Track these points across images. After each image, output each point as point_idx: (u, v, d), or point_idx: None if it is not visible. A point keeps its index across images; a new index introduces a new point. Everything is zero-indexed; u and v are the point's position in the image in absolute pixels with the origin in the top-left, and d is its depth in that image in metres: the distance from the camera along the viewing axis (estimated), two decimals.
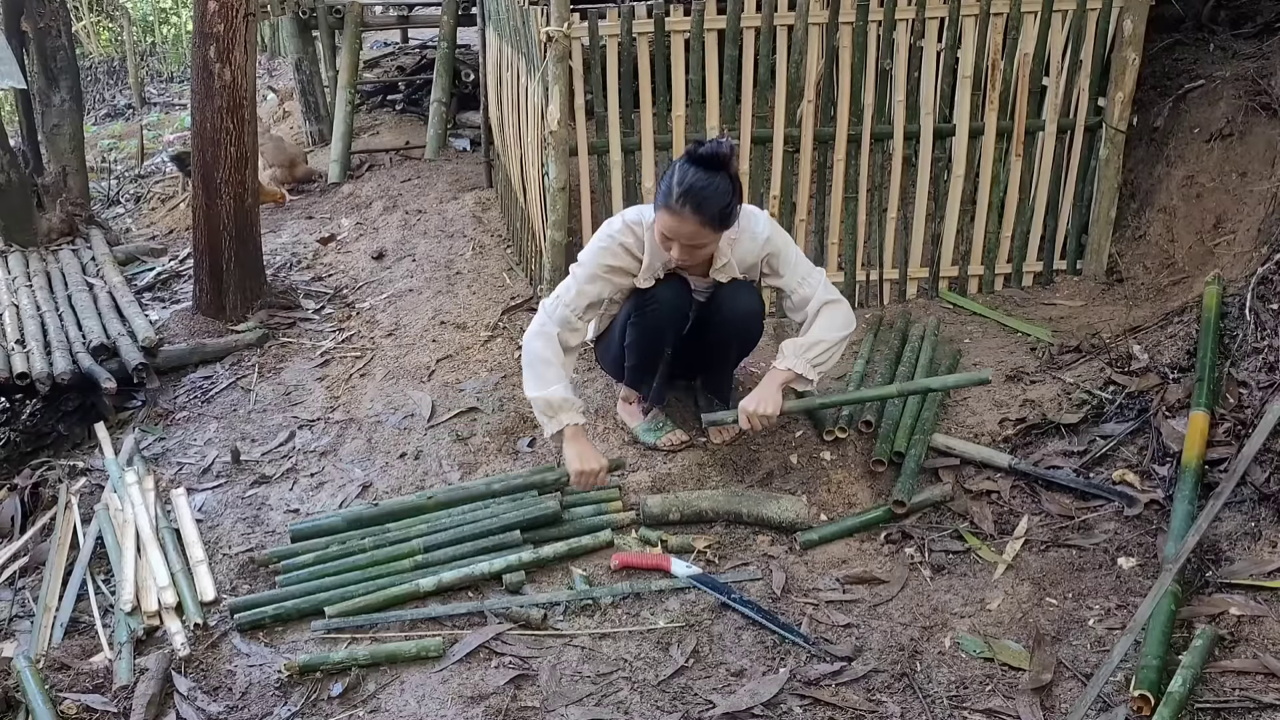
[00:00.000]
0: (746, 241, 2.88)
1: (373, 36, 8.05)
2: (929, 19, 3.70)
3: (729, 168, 2.64)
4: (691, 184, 2.61)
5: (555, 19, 3.34)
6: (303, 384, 3.81)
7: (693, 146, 2.67)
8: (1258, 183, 3.58)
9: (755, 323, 3.04)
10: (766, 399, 2.85)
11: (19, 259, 4.89)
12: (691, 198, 2.61)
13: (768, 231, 2.90)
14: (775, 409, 2.84)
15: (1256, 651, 2.21)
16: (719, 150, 2.62)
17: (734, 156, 2.68)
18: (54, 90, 5.62)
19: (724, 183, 2.63)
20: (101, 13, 12.92)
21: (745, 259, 2.91)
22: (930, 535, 2.77)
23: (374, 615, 2.54)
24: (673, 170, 2.68)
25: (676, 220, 2.64)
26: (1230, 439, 2.72)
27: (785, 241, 2.95)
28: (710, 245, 2.76)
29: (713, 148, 2.63)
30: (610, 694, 2.29)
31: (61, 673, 2.38)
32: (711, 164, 2.62)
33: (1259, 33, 4.09)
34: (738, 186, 2.69)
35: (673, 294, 2.92)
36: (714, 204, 2.62)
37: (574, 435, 2.86)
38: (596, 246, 2.88)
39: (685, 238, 2.68)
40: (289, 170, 6.00)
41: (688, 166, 2.64)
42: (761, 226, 2.89)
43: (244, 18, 4.08)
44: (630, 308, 2.96)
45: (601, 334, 3.17)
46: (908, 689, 2.26)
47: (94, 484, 3.24)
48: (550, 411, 2.83)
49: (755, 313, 3.01)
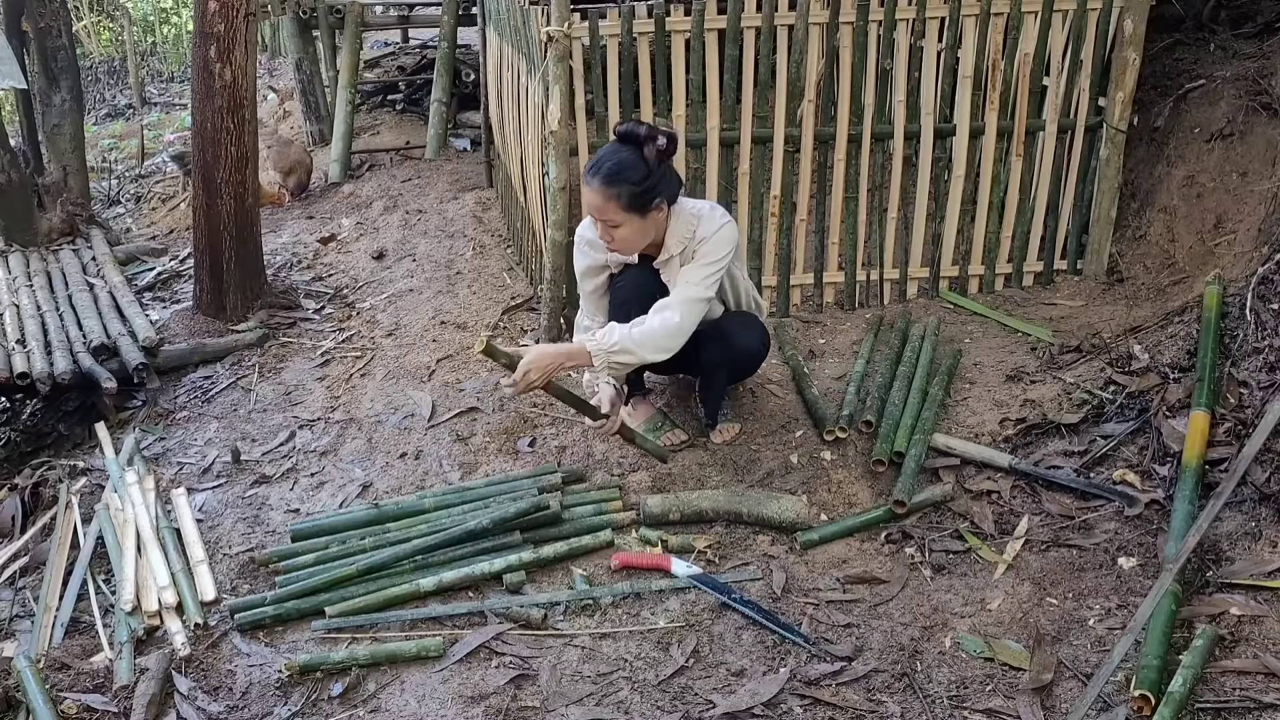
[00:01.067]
0: (699, 239, 2.81)
1: (373, 36, 8.05)
2: (929, 19, 3.70)
3: (644, 147, 2.69)
4: (602, 157, 2.72)
5: (555, 19, 3.34)
6: (303, 384, 3.81)
7: (617, 124, 2.79)
8: (1258, 182, 3.58)
9: (752, 362, 3.14)
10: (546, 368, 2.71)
11: (19, 259, 4.90)
12: (598, 166, 2.70)
13: (715, 235, 2.80)
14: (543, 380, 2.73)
15: (1257, 651, 2.21)
16: (633, 129, 2.71)
17: (655, 139, 2.68)
18: (54, 90, 5.62)
19: (633, 158, 2.68)
20: (102, 13, 12.92)
21: (689, 256, 2.85)
22: (930, 535, 2.76)
23: (374, 615, 2.54)
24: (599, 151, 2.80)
25: (588, 191, 2.74)
26: (1231, 439, 2.72)
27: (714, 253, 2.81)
28: (626, 226, 2.73)
29: (629, 126, 2.73)
30: (610, 694, 2.29)
31: (62, 672, 2.39)
32: (625, 140, 2.72)
33: (1259, 33, 4.09)
34: (659, 172, 2.70)
35: (635, 275, 2.93)
36: (619, 177, 2.67)
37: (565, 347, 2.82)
38: (574, 253, 3.04)
39: (596, 210, 2.74)
40: (298, 174, 5.98)
41: (609, 144, 2.77)
42: (713, 228, 2.80)
43: (244, 18, 4.08)
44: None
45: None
46: (908, 689, 2.26)
47: (94, 484, 3.24)
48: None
49: (753, 353, 3.08)
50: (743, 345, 3.04)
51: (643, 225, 2.76)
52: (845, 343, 3.72)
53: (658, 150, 2.69)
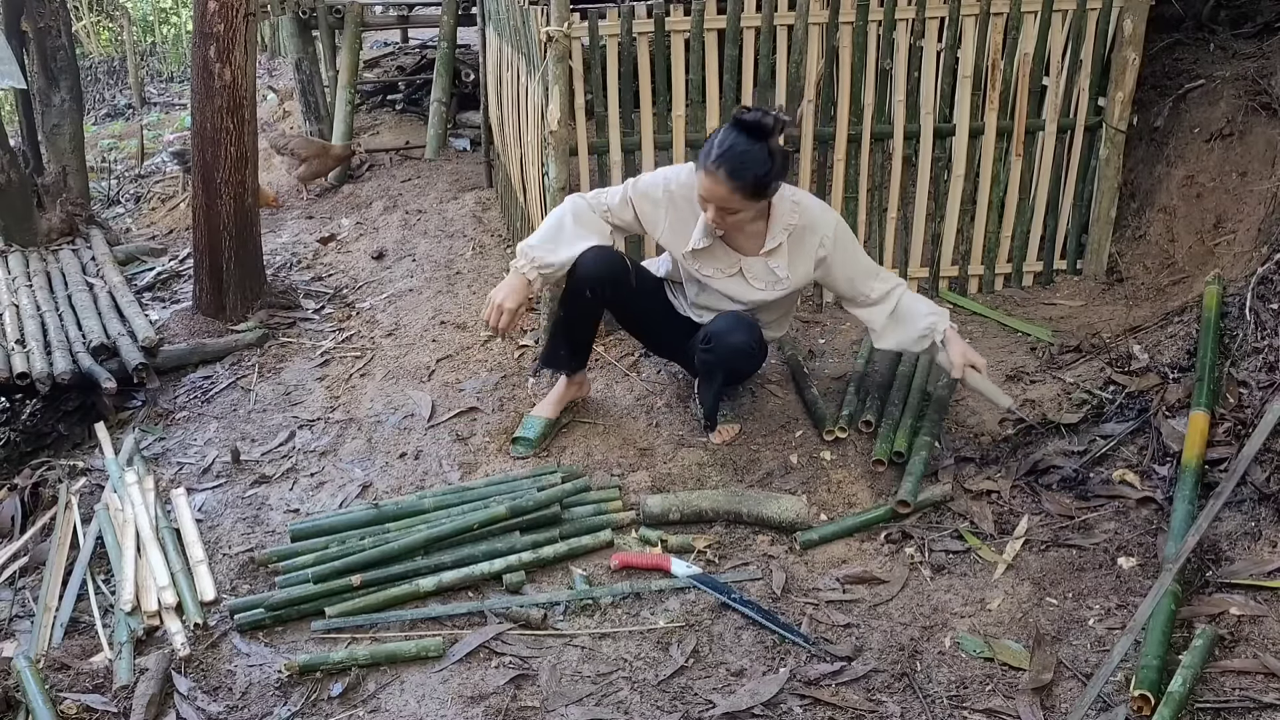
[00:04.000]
0: (808, 233, 2.90)
1: (373, 36, 8.05)
2: (929, 19, 3.70)
3: (770, 138, 2.66)
4: (730, 147, 2.66)
5: (555, 19, 3.34)
6: (303, 384, 3.81)
7: (740, 110, 2.71)
8: (1258, 182, 3.58)
9: (744, 361, 3.09)
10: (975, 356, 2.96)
11: (19, 259, 4.89)
12: (726, 161, 2.66)
13: (834, 234, 2.91)
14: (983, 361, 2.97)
15: (1256, 651, 2.21)
16: (762, 120, 2.66)
17: (779, 128, 2.68)
18: (54, 90, 5.62)
19: (762, 152, 2.66)
20: (101, 13, 12.92)
21: (800, 252, 2.92)
22: (930, 535, 2.77)
23: (374, 615, 2.54)
24: (717, 132, 2.74)
25: (710, 181, 2.70)
26: (1230, 439, 2.72)
27: (851, 243, 2.99)
28: (744, 213, 2.78)
29: (757, 115, 2.67)
30: (610, 694, 2.29)
31: (61, 673, 2.38)
32: (754, 131, 2.66)
33: (1259, 33, 4.09)
34: (779, 160, 2.71)
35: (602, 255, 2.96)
36: (747, 170, 2.66)
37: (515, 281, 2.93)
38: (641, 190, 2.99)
39: (718, 200, 2.73)
40: (324, 159, 5.93)
41: (730, 130, 2.69)
42: (827, 229, 2.91)
43: (244, 18, 4.08)
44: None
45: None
46: (908, 689, 2.26)
47: (94, 484, 3.24)
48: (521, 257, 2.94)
49: (745, 351, 3.02)
50: (735, 342, 2.98)
51: (759, 207, 2.80)
52: (845, 343, 3.72)
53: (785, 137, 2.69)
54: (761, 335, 3.09)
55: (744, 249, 2.96)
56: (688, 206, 2.91)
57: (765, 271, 2.97)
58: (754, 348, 3.04)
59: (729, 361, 3.05)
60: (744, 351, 3.02)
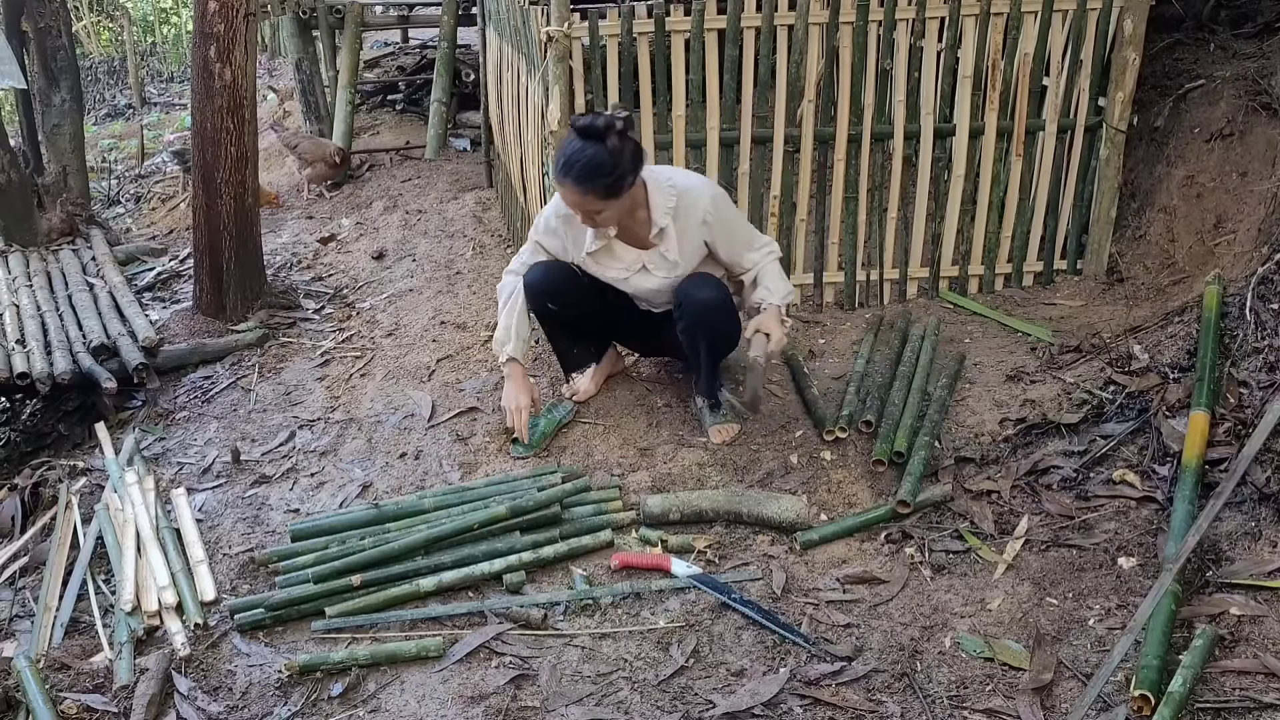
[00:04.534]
0: (689, 211, 2.96)
1: (373, 36, 8.05)
2: (929, 19, 3.70)
3: (605, 139, 2.73)
4: (570, 154, 2.76)
5: (555, 19, 3.34)
6: (303, 384, 3.81)
7: (574, 118, 2.83)
8: (1258, 182, 3.58)
9: (717, 315, 3.02)
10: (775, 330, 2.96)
11: (19, 259, 4.90)
12: (571, 169, 2.75)
13: (710, 208, 2.96)
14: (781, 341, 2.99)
15: (1257, 651, 2.21)
16: (593, 123, 2.75)
17: (615, 127, 2.74)
18: (54, 90, 5.62)
19: (601, 153, 2.73)
20: (102, 13, 12.92)
21: (687, 231, 2.98)
22: (930, 535, 2.76)
23: (374, 615, 2.54)
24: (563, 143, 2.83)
25: (564, 191, 2.81)
26: (1230, 439, 2.72)
27: (730, 215, 3.05)
28: (609, 211, 2.84)
29: (587, 120, 2.77)
30: (610, 694, 2.29)
31: (62, 673, 2.39)
32: (588, 135, 2.74)
33: (1259, 33, 4.09)
34: (626, 156, 2.76)
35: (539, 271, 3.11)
36: (592, 173, 2.73)
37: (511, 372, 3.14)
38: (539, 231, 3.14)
39: (578, 206, 2.83)
40: (324, 166, 5.92)
41: (570, 139, 2.79)
42: (704, 201, 2.96)
43: (244, 18, 4.08)
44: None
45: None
46: (908, 689, 2.26)
47: (94, 484, 3.24)
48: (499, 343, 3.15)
49: (714, 303, 2.99)
50: (704, 296, 2.99)
51: (619, 204, 2.85)
52: (845, 343, 3.72)
53: (619, 134, 2.75)
54: (725, 285, 3.08)
55: (641, 243, 3.03)
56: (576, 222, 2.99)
57: (661, 259, 3.03)
58: (724, 300, 3.03)
59: (704, 320, 3.02)
60: (714, 306, 3.00)
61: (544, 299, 3.13)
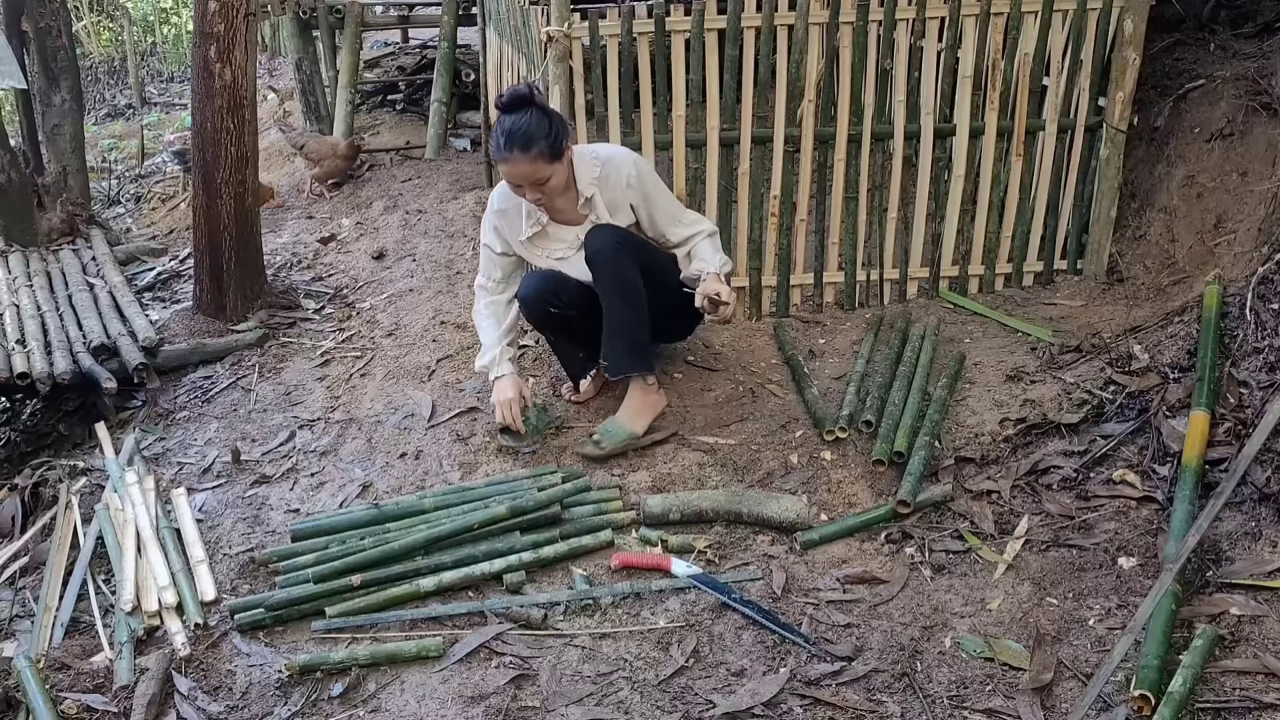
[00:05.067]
0: (613, 178, 3.02)
1: (373, 36, 8.04)
2: (929, 19, 3.70)
3: (534, 102, 2.82)
4: (509, 128, 2.82)
5: (555, 19, 3.34)
6: (303, 384, 3.81)
7: (497, 100, 2.90)
8: (1258, 182, 3.58)
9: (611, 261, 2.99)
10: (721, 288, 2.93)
11: (19, 259, 4.90)
12: (513, 140, 2.81)
13: (633, 171, 3.01)
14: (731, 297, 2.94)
15: (1257, 651, 2.21)
16: (518, 92, 2.85)
17: (535, 92, 2.85)
18: (54, 90, 5.62)
19: (536, 116, 2.81)
20: (102, 13, 12.91)
21: (614, 199, 3.03)
22: (930, 535, 2.77)
23: (374, 615, 2.54)
24: (494, 127, 2.89)
25: (510, 167, 2.85)
26: (1231, 439, 2.72)
27: (654, 185, 3.08)
28: (555, 177, 2.89)
29: (511, 92, 2.86)
30: (610, 694, 2.29)
31: (62, 673, 2.39)
32: (518, 105, 2.82)
33: (1259, 33, 4.09)
34: (555, 118, 2.86)
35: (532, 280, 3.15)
36: (533, 136, 2.80)
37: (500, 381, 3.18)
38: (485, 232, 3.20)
39: (528, 178, 2.86)
40: (334, 160, 5.89)
41: (502, 117, 2.85)
42: (628, 168, 3.02)
43: (244, 18, 4.08)
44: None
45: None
46: (908, 689, 2.26)
47: (94, 484, 3.24)
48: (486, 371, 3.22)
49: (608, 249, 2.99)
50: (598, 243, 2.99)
51: (562, 168, 2.90)
52: (845, 343, 3.72)
53: (539, 102, 2.83)
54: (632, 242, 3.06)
55: (572, 220, 3.07)
56: (513, 211, 3.07)
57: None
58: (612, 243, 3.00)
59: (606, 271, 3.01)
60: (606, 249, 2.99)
61: (543, 304, 3.12)
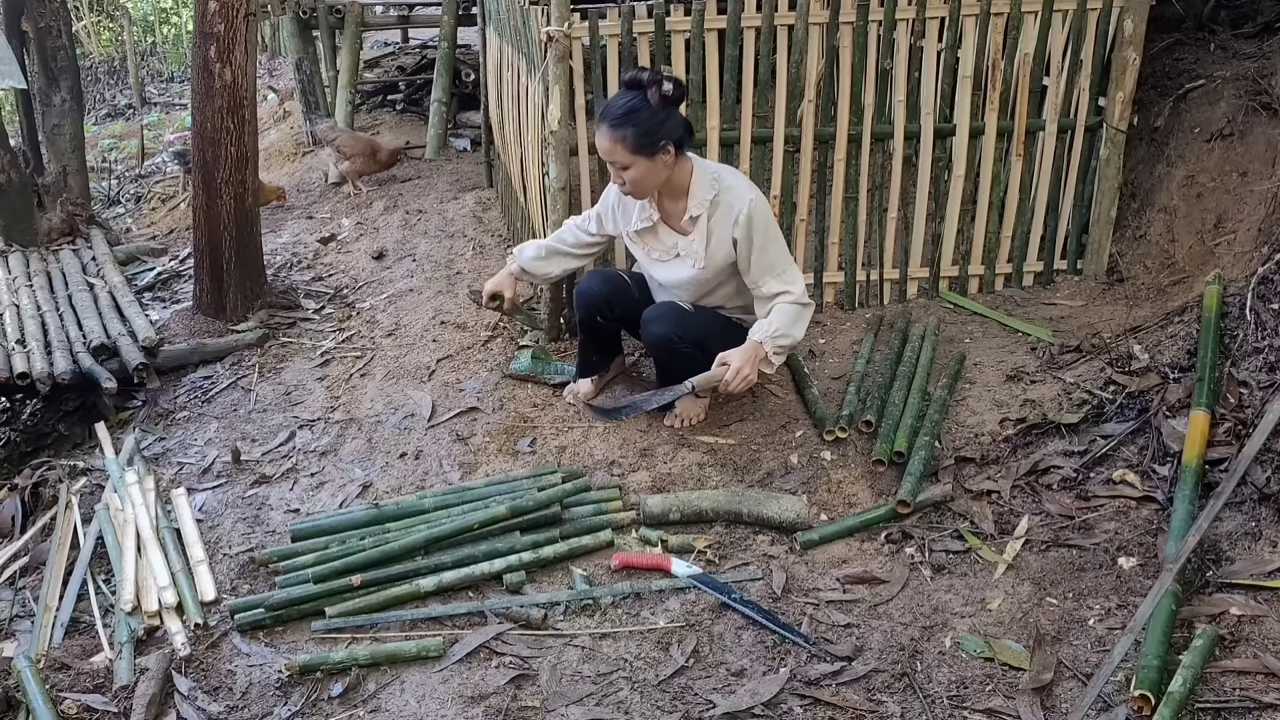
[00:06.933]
0: (725, 209, 2.97)
1: (373, 36, 8.05)
2: (929, 19, 3.70)
3: (646, 89, 2.83)
4: (612, 101, 2.91)
5: (555, 19, 3.34)
6: (303, 384, 3.81)
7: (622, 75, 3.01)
8: (1258, 182, 3.58)
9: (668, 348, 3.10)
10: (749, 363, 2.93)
11: (19, 259, 4.90)
12: (608, 115, 2.86)
13: (747, 210, 2.93)
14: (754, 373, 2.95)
15: (1257, 651, 2.21)
16: (638, 75, 2.88)
17: (659, 82, 2.82)
18: (54, 90, 5.62)
19: (639, 101, 2.83)
20: (102, 13, 12.92)
21: (719, 231, 3.00)
22: (930, 535, 2.77)
23: (374, 615, 2.54)
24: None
25: (599, 138, 2.89)
26: (1231, 439, 2.72)
27: (764, 231, 2.95)
28: (635, 170, 2.88)
29: (634, 73, 2.91)
30: (610, 694, 2.29)
31: (62, 672, 2.39)
32: (631, 85, 2.87)
33: (1259, 33, 4.09)
34: (664, 114, 2.84)
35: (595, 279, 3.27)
36: (627, 120, 2.82)
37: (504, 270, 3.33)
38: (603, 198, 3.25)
39: (609, 155, 2.89)
40: (371, 158, 5.77)
41: (618, 92, 2.92)
42: (742, 204, 2.94)
43: (244, 18, 4.08)
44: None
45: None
46: (908, 689, 2.26)
47: (94, 484, 3.24)
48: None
49: (665, 339, 3.08)
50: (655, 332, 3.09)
51: (650, 167, 2.88)
52: (845, 343, 3.72)
53: (662, 94, 2.82)
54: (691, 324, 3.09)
55: (679, 228, 3.07)
56: (631, 202, 3.10)
57: (690, 249, 3.06)
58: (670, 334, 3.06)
59: (653, 350, 3.26)
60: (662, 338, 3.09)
61: (594, 308, 3.24)
